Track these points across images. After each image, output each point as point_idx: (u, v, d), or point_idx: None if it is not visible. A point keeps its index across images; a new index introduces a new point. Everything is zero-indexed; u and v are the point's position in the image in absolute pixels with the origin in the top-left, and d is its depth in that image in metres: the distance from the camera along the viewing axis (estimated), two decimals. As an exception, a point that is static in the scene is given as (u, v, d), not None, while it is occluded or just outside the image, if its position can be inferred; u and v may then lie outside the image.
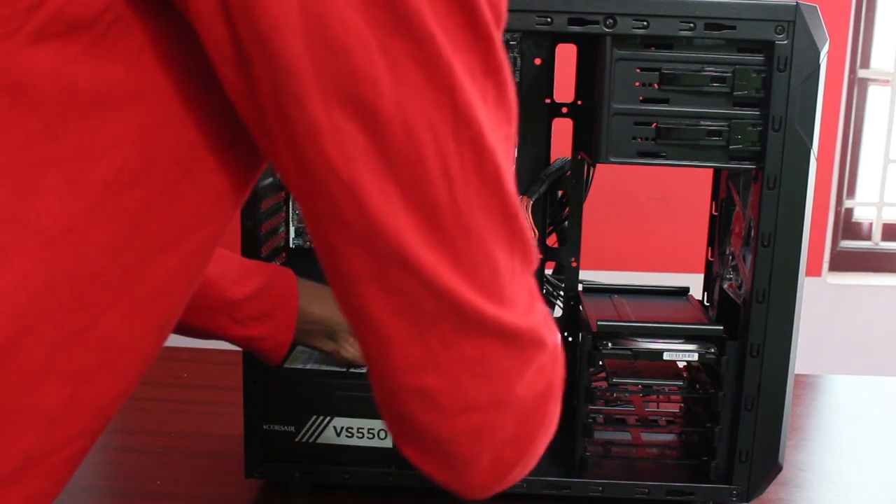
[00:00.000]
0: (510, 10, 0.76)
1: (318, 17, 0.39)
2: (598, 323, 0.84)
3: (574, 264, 0.94)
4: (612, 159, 0.79)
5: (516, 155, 0.91)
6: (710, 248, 0.97)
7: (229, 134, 0.47)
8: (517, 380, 0.48)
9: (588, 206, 0.92)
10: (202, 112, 0.46)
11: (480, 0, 0.43)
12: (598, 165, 0.85)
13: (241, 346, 0.83)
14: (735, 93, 0.78)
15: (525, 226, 0.48)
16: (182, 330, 0.78)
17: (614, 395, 0.92)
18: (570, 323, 0.95)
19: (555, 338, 0.52)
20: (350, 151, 0.42)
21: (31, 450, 0.46)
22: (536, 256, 0.50)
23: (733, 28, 0.76)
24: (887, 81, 2.34)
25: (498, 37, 0.45)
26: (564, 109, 0.92)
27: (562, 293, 0.95)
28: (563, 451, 0.89)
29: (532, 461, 0.52)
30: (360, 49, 0.40)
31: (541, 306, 0.50)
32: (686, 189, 2.08)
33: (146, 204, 0.45)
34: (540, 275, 0.94)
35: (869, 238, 2.43)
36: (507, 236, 0.46)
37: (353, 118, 0.41)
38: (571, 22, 0.76)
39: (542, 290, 0.94)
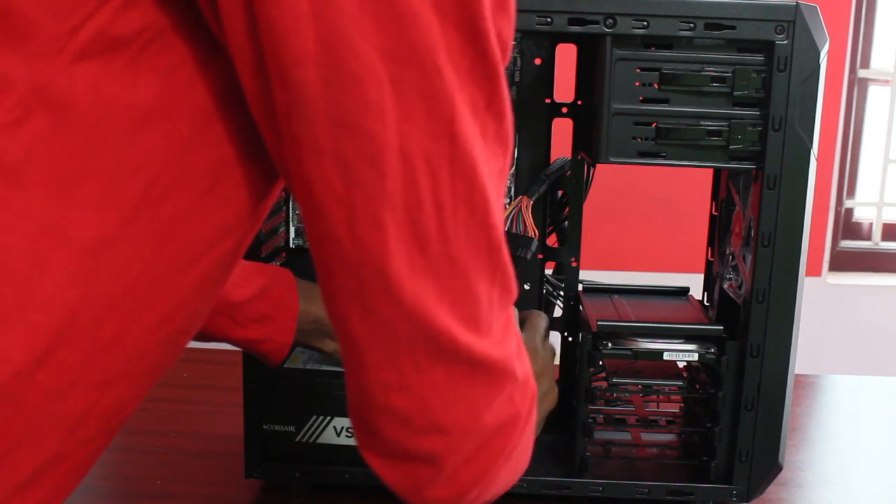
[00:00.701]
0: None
1: (333, 48, 0.41)
2: (598, 323, 0.84)
3: (574, 264, 0.94)
4: (612, 159, 0.79)
5: (516, 155, 0.91)
6: (710, 248, 0.97)
7: (254, 148, 0.49)
8: (485, 408, 0.50)
9: (588, 206, 0.92)
10: (230, 128, 0.47)
11: (491, 37, 0.44)
12: (598, 165, 0.85)
13: (241, 348, 0.83)
14: (735, 93, 0.78)
15: (508, 259, 0.49)
16: None
17: (614, 395, 0.92)
18: (570, 323, 0.95)
19: (525, 369, 0.53)
20: (350, 177, 0.43)
21: (52, 454, 0.47)
22: (515, 289, 0.51)
23: (733, 28, 0.76)
24: (887, 81, 2.34)
25: (503, 72, 0.46)
26: (564, 109, 0.92)
27: (562, 293, 0.95)
28: (563, 451, 0.89)
29: (491, 486, 0.54)
30: (371, 81, 0.41)
31: (515, 338, 0.52)
32: (686, 189, 2.08)
33: (176, 217, 0.47)
34: (540, 275, 0.94)
35: (869, 238, 2.43)
36: (490, 268, 0.48)
37: (357, 145, 0.43)
38: (571, 22, 0.76)
39: (542, 290, 0.94)
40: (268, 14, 0.41)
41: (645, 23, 0.76)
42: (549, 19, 0.76)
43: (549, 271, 0.96)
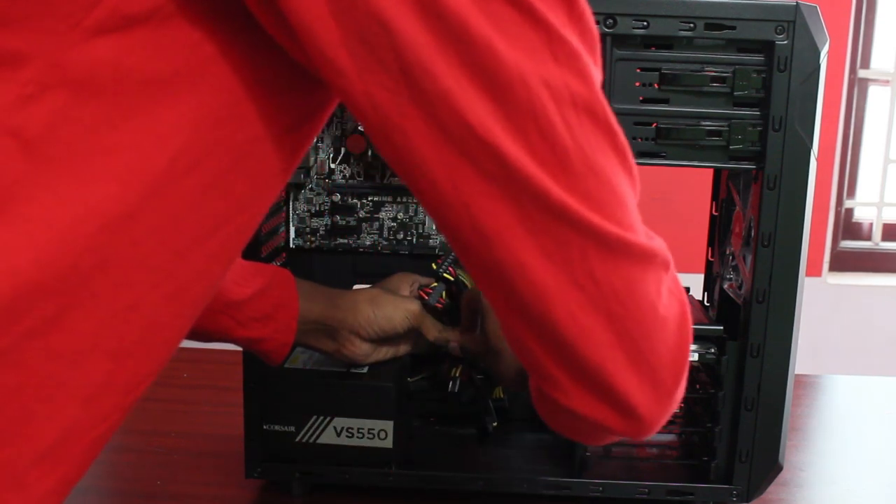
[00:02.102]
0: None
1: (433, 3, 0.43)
2: (598, 323, 0.84)
3: (574, 264, 0.94)
4: (612, 159, 0.79)
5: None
6: (710, 248, 0.97)
7: (278, 128, 0.50)
8: (658, 301, 0.51)
9: (588, 206, 0.92)
10: (257, 107, 0.48)
11: None
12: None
13: (243, 348, 0.83)
14: (735, 93, 0.78)
15: (632, 158, 0.51)
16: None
17: (614, 395, 0.92)
18: (570, 323, 0.95)
19: (671, 259, 0.55)
20: (483, 114, 0.45)
21: (69, 427, 0.47)
22: (639, 187, 0.53)
23: (733, 28, 0.76)
24: (887, 81, 2.34)
25: None
26: (564, 109, 0.92)
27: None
28: (563, 451, 0.89)
29: (684, 384, 0.55)
30: (472, 18, 0.44)
31: (652, 231, 0.54)
32: (686, 189, 2.08)
33: (199, 191, 0.48)
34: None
35: (869, 238, 2.43)
36: (625, 170, 0.50)
37: (479, 83, 0.45)
38: (571, 22, 0.76)
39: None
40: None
41: (645, 23, 0.76)
42: (549, 19, 0.76)
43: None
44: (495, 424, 0.91)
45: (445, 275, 0.87)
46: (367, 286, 0.88)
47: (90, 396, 0.48)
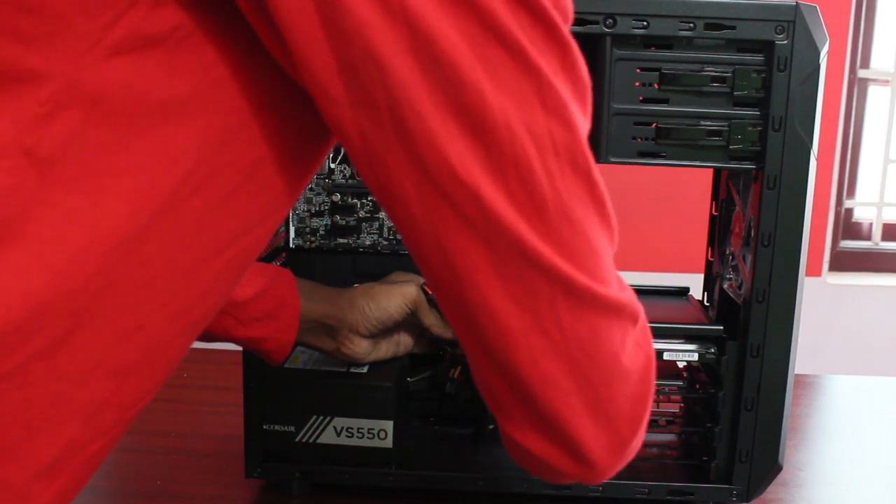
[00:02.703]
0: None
1: (426, 36, 0.43)
2: (598, 323, 0.84)
3: (574, 264, 0.94)
4: (612, 159, 0.79)
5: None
6: (710, 248, 0.97)
7: (286, 150, 0.50)
8: (622, 352, 0.51)
9: (588, 206, 0.92)
10: (265, 129, 0.48)
11: (550, 7, 0.46)
12: (598, 165, 0.85)
13: (244, 347, 0.83)
14: (735, 93, 0.78)
15: (611, 209, 0.52)
16: None
17: (614, 395, 0.92)
18: (570, 323, 0.95)
19: (643, 312, 0.55)
20: (465, 156, 0.45)
21: (70, 443, 0.47)
22: (618, 237, 0.54)
23: (733, 28, 0.76)
24: (887, 81, 2.34)
25: (570, 35, 0.48)
26: (564, 109, 0.92)
27: (562, 293, 0.95)
28: (563, 451, 0.89)
29: (642, 434, 0.55)
30: (465, 62, 0.44)
31: (625, 282, 0.54)
32: (686, 189, 2.08)
33: (205, 212, 0.48)
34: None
35: (869, 238, 2.43)
36: (601, 221, 0.51)
37: (464, 126, 0.45)
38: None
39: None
40: (351, 11, 0.42)
41: (645, 23, 0.76)
42: (549, 19, 0.76)
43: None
44: (493, 426, 0.91)
45: None
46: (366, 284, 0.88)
47: (92, 413, 0.48)
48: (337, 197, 0.94)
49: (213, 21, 0.45)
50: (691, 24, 0.76)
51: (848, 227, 2.42)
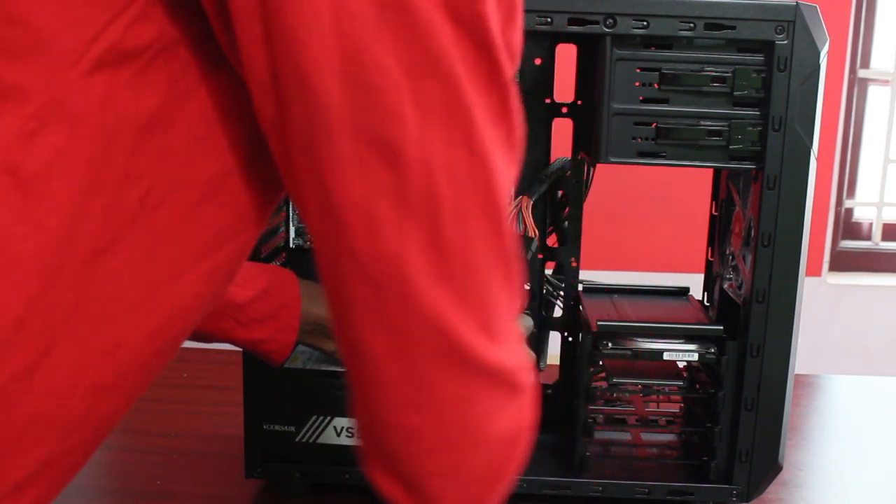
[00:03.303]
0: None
1: (355, 58, 0.41)
2: (598, 323, 0.84)
3: (574, 264, 0.94)
4: (612, 159, 0.79)
5: (516, 155, 0.91)
6: (710, 248, 0.97)
7: (254, 160, 0.49)
8: (495, 420, 0.49)
9: (588, 206, 0.92)
10: (230, 139, 0.47)
11: (501, 47, 0.45)
12: (598, 165, 0.85)
13: (244, 349, 0.83)
14: (735, 93, 0.78)
15: (519, 269, 0.49)
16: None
17: (614, 395, 0.92)
18: (570, 323, 0.95)
19: (531, 380, 0.53)
20: (372, 187, 0.43)
21: (48, 456, 0.47)
22: (523, 297, 0.51)
23: (733, 28, 0.76)
24: (887, 81, 2.34)
25: (513, 82, 0.46)
26: (564, 109, 0.92)
27: (562, 293, 0.95)
28: (563, 451, 0.89)
29: (497, 500, 0.53)
30: (392, 91, 0.42)
31: (523, 348, 0.52)
32: (686, 189, 2.08)
33: (171, 224, 0.47)
34: (540, 275, 0.94)
35: (869, 238, 2.43)
36: (506, 276, 0.48)
37: (378, 156, 0.43)
38: (571, 22, 0.76)
39: (542, 290, 0.94)
40: (287, 24, 0.41)
41: (645, 23, 0.76)
42: (549, 19, 0.76)
43: (549, 271, 0.96)
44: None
45: None
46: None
47: (69, 430, 0.48)
48: (337, 197, 0.94)
49: (186, 34, 0.45)
50: (691, 24, 0.76)
51: (848, 227, 2.42)
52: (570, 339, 0.96)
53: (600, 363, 0.87)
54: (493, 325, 0.48)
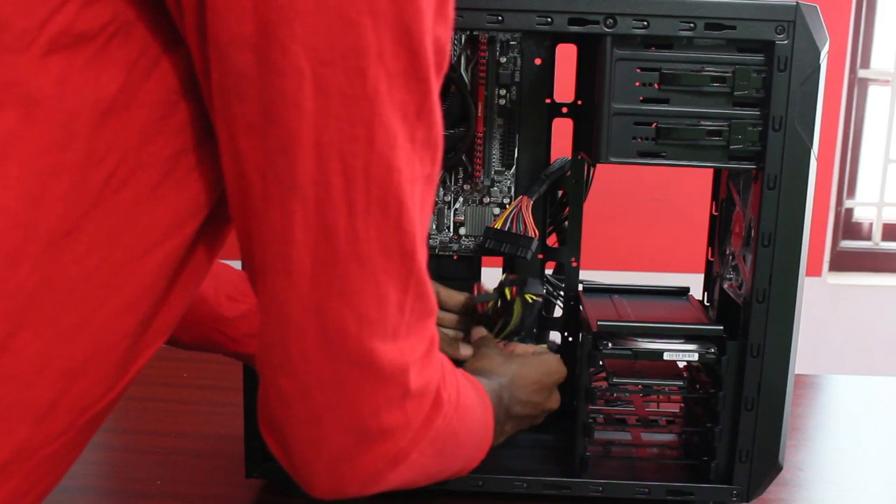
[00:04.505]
0: (513, 11, 0.77)
1: (266, 37, 0.43)
2: (598, 323, 0.84)
3: (574, 264, 0.94)
4: (612, 159, 0.79)
5: (516, 155, 0.91)
6: (710, 248, 0.97)
7: (210, 138, 0.49)
8: (371, 410, 0.50)
9: (588, 206, 0.92)
10: (187, 117, 0.48)
11: (426, 43, 0.45)
12: (598, 165, 0.85)
13: (241, 361, 0.83)
14: (735, 93, 0.77)
15: (423, 268, 0.50)
16: (181, 345, 0.79)
17: (614, 395, 0.92)
18: (570, 323, 0.95)
19: (429, 382, 0.53)
20: (268, 162, 0.45)
21: (20, 445, 0.47)
22: (434, 303, 0.52)
23: (733, 28, 0.76)
24: (887, 81, 2.34)
25: (436, 81, 0.47)
26: (564, 109, 0.92)
27: (562, 293, 0.95)
28: (563, 451, 0.89)
29: (378, 485, 0.54)
30: (294, 76, 0.43)
31: (429, 350, 0.53)
32: (686, 189, 2.08)
33: (134, 205, 0.48)
34: (540, 275, 0.94)
35: (869, 238, 2.43)
36: (403, 273, 0.48)
37: (275, 134, 0.44)
38: (571, 22, 0.76)
39: (542, 290, 0.94)
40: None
41: (645, 23, 0.76)
42: (549, 19, 0.76)
43: (549, 271, 0.96)
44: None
45: (507, 289, 0.86)
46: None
47: (42, 416, 0.48)
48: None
49: (141, 14, 0.45)
50: (691, 24, 0.76)
51: (848, 227, 2.42)
52: (570, 339, 0.96)
53: (600, 363, 0.87)
54: (383, 319, 0.48)
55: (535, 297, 0.86)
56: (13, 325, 0.45)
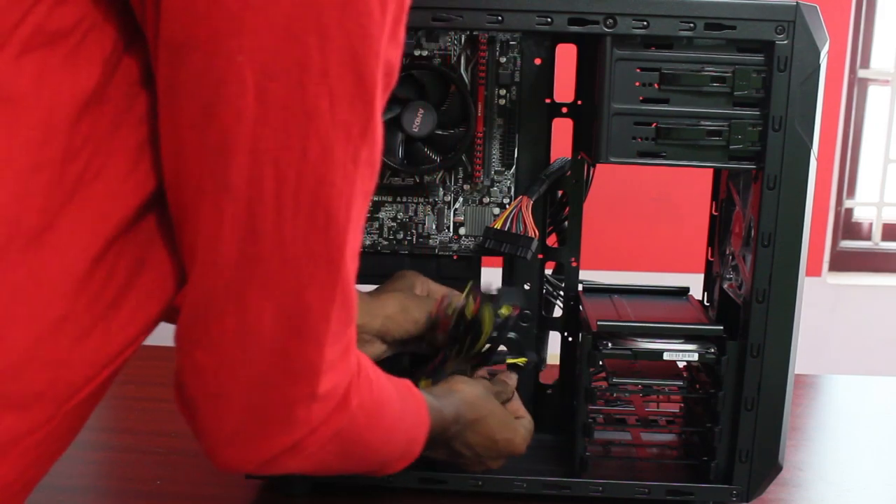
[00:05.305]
0: (513, 11, 0.77)
1: (216, 43, 0.44)
2: (598, 323, 0.84)
3: (574, 264, 0.94)
4: (612, 159, 0.79)
5: (516, 155, 0.91)
6: (710, 248, 0.97)
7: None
8: (274, 403, 0.52)
9: (588, 206, 0.92)
10: (147, 109, 0.49)
11: (374, 69, 0.47)
12: (598, 165, 0.85)
13: None
14: (735, 93, 0.78)
15: (350, 279, 0.52)
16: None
17: (614, 395, 0.92)
18: (570, 323, 0.95)
19: (338, 387, 0.54)
20: (204, 160, 0.47)
21: (4, 434, 0.48)
22: (355, 313, 0.54)
23: (733, 28, 0.76)
24: (887, 81, 2.34)
25: (381, 102, 0.49)
26: (564, 109, 0.92)
27: (562, 293, 0.95)
28: (563, 451, 0.89)
29: (278, 469, 0.56)
30: (236, 84, 0.45)
31: (346, 356, 0.54)
32: (686, 189, 2.08)
33: (106, 197, 0.49)
34: (540, 275, 0.94)
35: (869, 238, 2.43)
36: (329, 282, 0.50)
37: (213, 135, 0.46)
38: (571, 22, 0.76)
39: (542, 290, 0.94)
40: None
41: (645, 23, 0.76)
42: (549, 19, 0.76)
43: (549, 271, 0.96)
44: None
45: (469, 301, 0.81)
46: (375, 286, 0.87)
47: (27, 405, 0.49)
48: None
49: (109, 11, 0.47)
50: (691, 24, 0.76)
51: (848, 227, 2.42)
52: (570, 339, 0.96)
53: (600, 363, 0.87)
54: (303, 321, 0.50)
55: (509, 310, 0.82)
56: (1, 321, 0.46)
